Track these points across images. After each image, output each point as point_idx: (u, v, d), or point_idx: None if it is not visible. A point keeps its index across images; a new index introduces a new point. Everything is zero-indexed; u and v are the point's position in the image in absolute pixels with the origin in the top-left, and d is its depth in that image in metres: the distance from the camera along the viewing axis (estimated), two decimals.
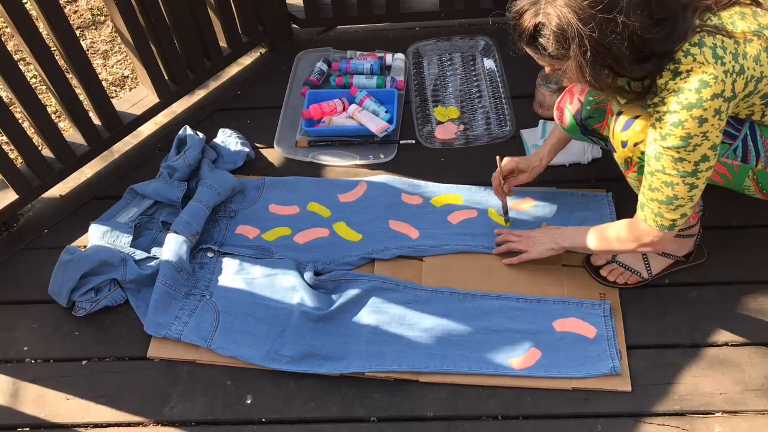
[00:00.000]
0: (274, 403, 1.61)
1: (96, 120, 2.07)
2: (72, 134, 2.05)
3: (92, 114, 2.05)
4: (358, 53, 2.36)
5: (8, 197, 1.93)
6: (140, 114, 2.14)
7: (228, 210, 1.96)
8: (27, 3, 1.81)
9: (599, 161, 1.97)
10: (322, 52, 2.39)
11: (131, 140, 2.19)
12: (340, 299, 1.72)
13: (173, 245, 1.78)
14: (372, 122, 2.07)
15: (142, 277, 1.77)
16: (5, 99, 1.94)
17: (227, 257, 1.83)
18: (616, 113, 1.46)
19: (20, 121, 1.89)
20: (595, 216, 1.85)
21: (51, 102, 2.54)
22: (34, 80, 2.58)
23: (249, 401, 1.61)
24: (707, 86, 1.23)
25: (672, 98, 1.26)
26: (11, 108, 1.86)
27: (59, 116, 2.50)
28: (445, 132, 2.11)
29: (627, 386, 1.56)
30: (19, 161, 2.02)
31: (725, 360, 1.60)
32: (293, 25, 2.47)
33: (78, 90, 1.98)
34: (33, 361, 1.72)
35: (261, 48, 2.46)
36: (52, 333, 1.76)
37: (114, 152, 2.16)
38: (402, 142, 2.10)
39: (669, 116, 1.27)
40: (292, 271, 1.77)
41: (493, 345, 1.64)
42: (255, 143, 2.15)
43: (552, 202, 1.90)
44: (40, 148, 1.97)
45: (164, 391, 1.64)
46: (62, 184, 2.05)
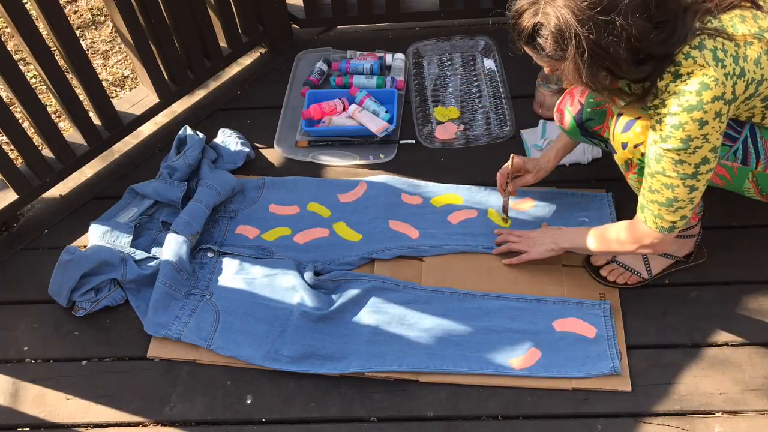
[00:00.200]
0: (274, 403, 1.61)
1: (96, 120, 2.07)
2: (72, 134, 2.05)
3: (92, 114, 2.05)
4: (358, 53, 2.36)
5: (8, 197, 1.93)
6: (140, 114, 2.14)
7: (228, 210, 1.96)
8: (27, 3, 1.81)
9: (599, 161, 1.97)
10: (322, 52, 2.39)
11: (131, 140, 2.19)
12: (340, 299, 1.72)
13: (173, 245, 1.78)
14: (372, 122, 2.07)
15: (142, 277, 1.78)
16: (5, 99, 1.94)
17: (227, 257, 1.83)
18: (617, 115, 1.46)
19: (20, 121, 1.89)
20: (595, 216, 1.85)
21: (51, 102, 2.54)
22: (34, 80, 2.58)
23: (249, 401, 1.61)
24: (708, 89, 1.23)
25: (672, 100, 1.26)
26: (11, 108, 1.86)
27: (59, 116, 2.50)
28: (445, 132, 2.11)
29: (627, 386, 1.56)
30: (19, 161, 2.02)
31: (725, 360, 1.60)
32: (293, 25, 2.47)
33: (78, 90, 1.98)
34: (33, 361, 1.72)
35: (261, 48, 2.46)
36: (52, 333, 1.76)
37: (114, 152, 2.16)
38: (402, 142, 2.10)
39: (669, 118, 1.27)
40: (292, 271, 1.77)
41: (493, 345, 1.64)
42: (255, 143, 2.15)
43: (552, 202, 1.90)
44: (40, 148, 1.97)
45: (164, 391, 1.64)
46: (62, 184, 2.05)
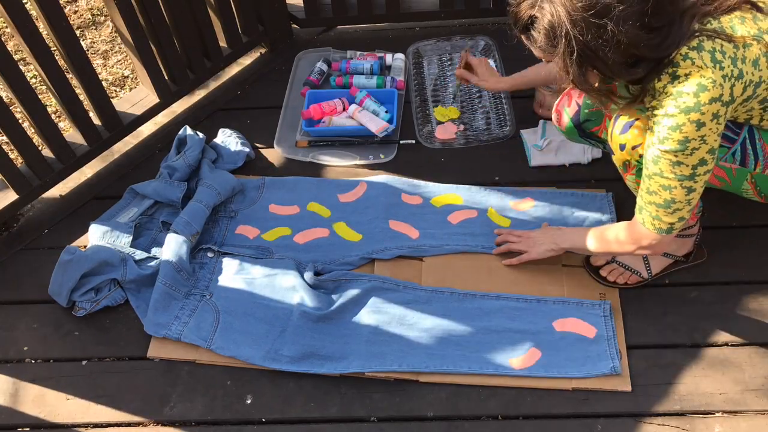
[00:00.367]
0: (274, 403, 1.61)
1: (96, 120, 2.07)
2: (72, 134, 2.05)
3: (92, 114, 2.05)
4: (358, 53, 2.36)
5: (8, 197, 1.93)
6: (140, 114, 2.14)
7: (228, 210, 1.96)
8: (27, 3, 1.81)
9: (599, 161, 1.97)
10: (322, 52, 2.39)
11: (131, 140, 2.19)
12: (340, 299, 1.72)
13: (173, 245, 1.78)
14: (372, 122, 2.07)
15: (142, 277, 1.77)
16: (5, 99, 1.94)
17: (227, 257, 1.83)
18: (614, 116, 1.46)
19: (20, 121, 1.89)
20: (595, 216, 1.85)
21: (51, 102, 2.54)
22: (34, 80, 2.58)
23: (249, 401, 1.61)
24: (705, 90, 1.23)
25: (670, 102, 1.26)
26: (11, 108, 1.86)
27: (59, 116, 2.50)
28: (445, 132, 2.11)
29: (627, 386, 1.56)
30: (19, 161, 2.02)
31: (725, 360, 1.60)
32: (293, 25, 2.47)
33: (78, 90, 1.98)
34: (33, 361, 1.72)
35: (261, 48, 2.46)
36: (52, 333, 1.75)
37: (114, 152, 2.16)
38: (402, 142, 2.10)
39: (667, 120, 1.27)
40: (292, 271, 1.77)
41: (493, 345, 1.64)
42: (255, 143, 2.15)
43: (552, 202, 1.90)
44: (40, 148, 1.97)
45: (164, 391, 1.64)
46: (62, 184, 2.05)
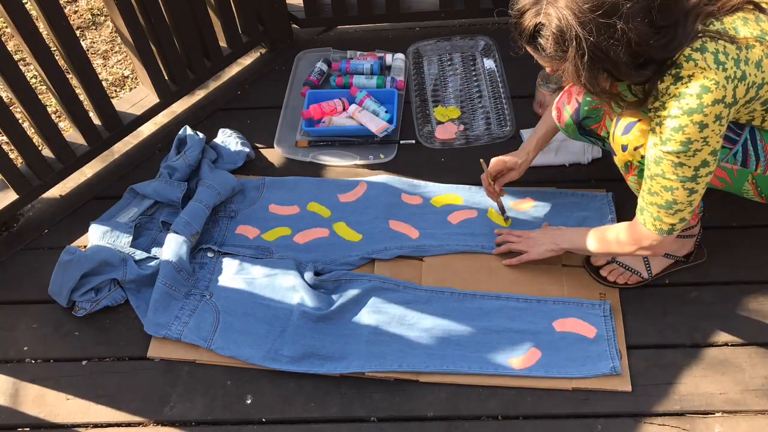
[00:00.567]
0: (274, 403, 1.61)
1: (96, 120, 2.07)
2: (72, 134, 2.05)
3: (92, 114, 2.05)
4: (358, 53, 2.36)
5: (8, 197, 1.93)
6: (140, 114, 2.14)
7: (228, 210, 1.96)
8: (27, 3, 1.81)
9: (599, 161, 1.97)
10: (322, 52, 2.39)
11: (131, 140, 2.19)
12: (340, 299, 1.72)
13: (173, 245, 1.78)
14: (372, 122, 2.07)
15: (142, 277, 1.77)
16: (5, 99, 1.94)
17: (227, 257, 1.83)
18: (615, 116, 1.46)
19: (20, 121, 1.89)
20: (595, 216, 1.85)
21: (51, 102, 2.54)
22: (34, 80, 2.58)
23: (249, 401, 1.61)
24: (708, 92, 1.23)
25: (673, 103, 1.26)
26: (11, 108, 1.86)
27: (59, 116, 2.50)
28: (445, 132, 2.11)
29: (627, 386, 1.56)
30: (19, 161, 2.02)
31: (725, 360, 1.60)
32: (293, 25, 2.47)
33: (78, 90, 1.98)
34: (33, 361, 1.72)
35: (261, 48, 2.46)
36: (52, 333, 1.75)
37: (114, 152, 2.16)
38: (402, 142, 2.10)
39: (669, 121, 1.27)
40: (292, 271, 1.77)
41: (493, 345, 1.64)
42: (255, 143, 2.15)
43: (552, 202, 1.90)
44: (40, 148, 1.97)
45: (164, 391, 1.64)
46: (62, 184, 2.05)
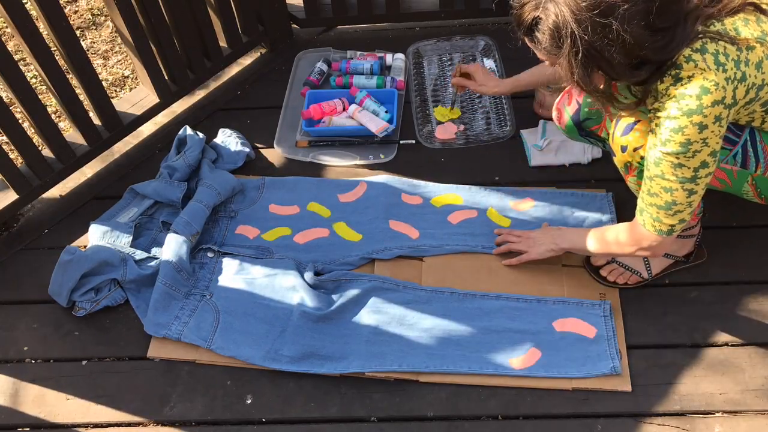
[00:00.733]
0: (274, 403, 1.61)
1: (96, 120, 2.07)
2: (72, 134, 2.05)
3: (92, 114, 2.05)
4: (358, 53, 2.36)
5: (8, 197, 1.93)
6: (140, 114, 2.14)
7: (228, 210, 1.96)
8: (27, 3, 1.81)
9: (599, 161, 1.97)
10: (322, 52, 2.39)
11: (131, 140, 2.19)
12: (340, 299, 1.72)
13: (173, 245, 1.78)
14: (372, 122, 2.07)
15: (142, 277, 1.77)
16: (5, 99, 1.94)
17: (227, 257, 1.83)
18: (615, 116, 1.46)
19: (20, 121, 1.89)
20: (595, 216, 1.85)
21: (51, 102, 2.54)
22: (34, 80, 2.58)
23: (249, 401, 1.61)
24: (708, 93, 1.23)
25: (672, 104, 1.26)
26: (11, 108, 1.86)
27: (59, 116, 2.50)
28: (445, 132, 2.11)
29: (627, 386, 1.56)
30: (19, 161, 2.02)
31: (725, 360, 1.60)
32: (293, 25, 2.47)
33: (78, 90, 1.98)
34: (33, 361, 1.72)
35: (261, 48, 2.46)
36: (52, 333, 1.75)
37: (114, 152, 2.16)
38: (402, 142, 2.10)
39: (669, 122, 1.27)
40: (292, 271, 1.77)
41: (493, 345, 1.64)
42: (255, 143, 2.15)
43: (552, 202, 1.90)
44: (40, 148, 1.97)
45: (164, 391, 1.64)
46: (62, 184, 2.05)
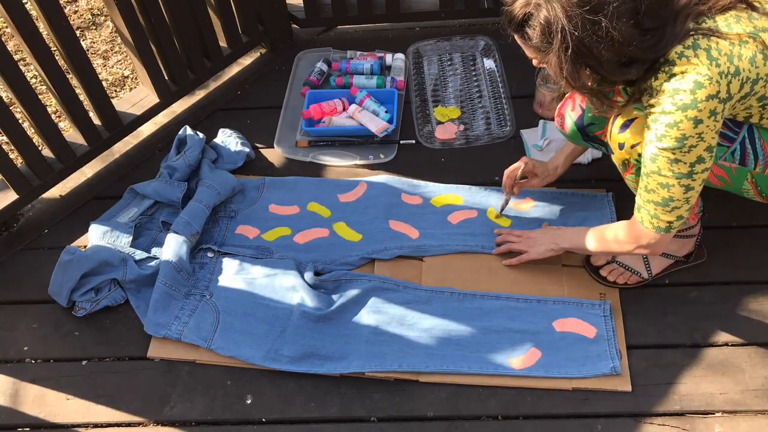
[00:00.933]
0: (274, 403, 1.61)
1: (96, 120, 2.07)
2: (72, 134, 2.05)
3: (92, 114, 2.05)
4: (358, 53, 2.36)
5: (8, 197, 1.93)
6: (140, 114, 2.14)
7: (228, 210, 1.96)
8: (27, 3, 1.81)
9: (599, 161, 1.97)
10: (322, 52, 2.39)
11: (131, 140, 2.19)
12: (340, 299, 1.72)
13: (173, 245, 1.78)
14: (372, 122, 2.07)
15: (142, 277, 1.77)
16: (5, 99, 1.94)
17: (227, 257, 1.83)
18: (614, 115, 1.46)
19: (20, 121, 1.89)
20: (596, 216, 1.85)
21: (51, 102, 2.54)
22: (34, 80, 2.58)
23: (249, 401, 1.61)
24: (702, 87, 1.23)
25: (667, 99, 1.26)
26: (11, 108, 1.86)
27: (59, 116, 2.50)
28: (445, 132, 2.11)
29: (627, 386, 1.56)
30: (19, 161, 2.02)
31: (725, 360, 1.60)
32: (293, 25, 2.47)
33: (78, 90, 1.98)
34: (33, 361, 1.72)
35: (261, 48, 2.46)
36: (52, 333, 1.76)
37: (114, 152, 2.16)
38: (402, 142, 2.10)
39: (664, 117, 1.27)
40: (292, 271, 1.77)
41: (493, 345, 1.64)
42: (255, 143, 2.15)
43: (552, 203, 1.90)
44: (40, 148, 1.97)
45: (164, 391, 1.64)
46: (62, 184, 2.05)
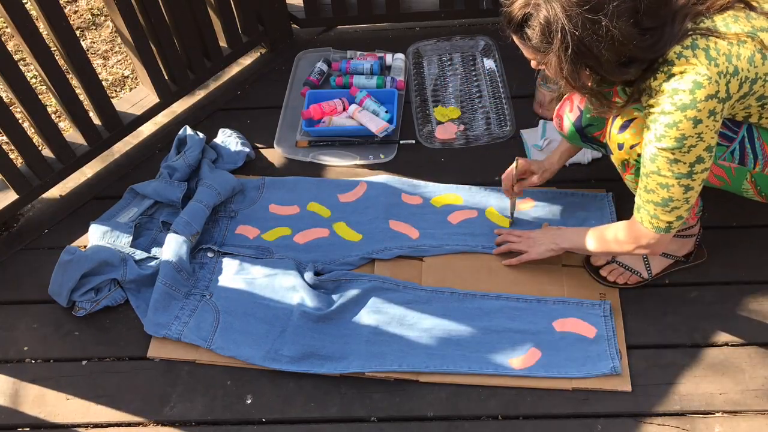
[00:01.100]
0: (274, 403, 1.61)
1: (96, 120, 2.07)
2: (72, 134, 2.05)
3: (92, 114, 2.05)
4: (358, 53, 2.36)
5: (8, 197, 1.93)
6: (140, 114, 2.14)
7: (228, 210, 1.96)
8: (27, 3, 1.81)
9: (599, 161, 1.97)
10: (322, 52, 2.39)
11: (131, 140, 2.19)
12: (340, 299, 1.72)
13: (173, 245, 1.78)
14: (372, 122, 2.07)
15: (142, 277, 1.77)
16: (5, 99, 1.94)
17: (227, 257, 1.83)
18: (612, 116, 1.46)
19: (20, 121, 1.89)
20: (596, 216, 1.85)
21: (51, 102, 2.54)
22: (34, 80, 2.58)
23: (249, 401, 1.61)
24: (701, 87, 1.23)
25: (666, 99, 1.26)
26: (11, 108, 1.86)
27: (59, 116, 2.50)
28: (445, 132, 2.11)
29: (627, 386, 1.56)
30: (19, 161, 2.02)
31: (725, 360, 1.60)
32: (293, 25, 2.47)
33: (78, 90, 1.98)
34: (33, 361, 1.72)
35: (261, 48, 2.46)
36: (52, 333, 1.76)
37: (114, 152, 2.16)
38: (402, 142, 2.10)
39: (663, 117, 1.27)
40: (292, 271, 1.77)
41: (493, 345, 1.64)
42: (255, 143, 2.15)
43: (552, 202, 1.90)
44: (40, 148, 1.97)
45: (164, 391, 1.64)
46: (62, 184, 2.05)
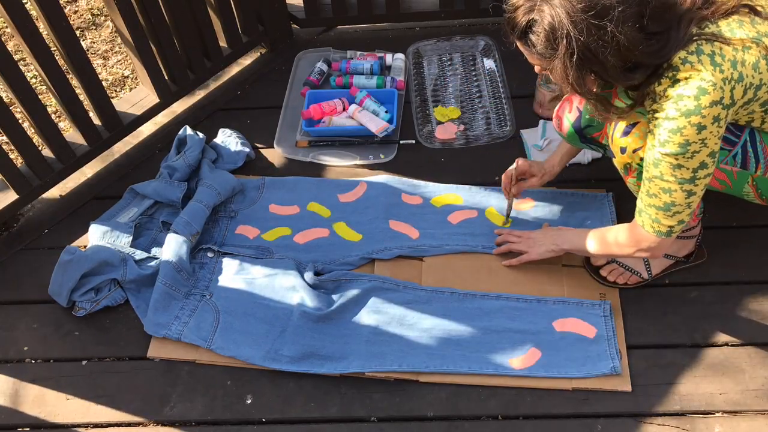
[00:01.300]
0: (274, 403, 1.61)
1: (96, 120, 2.07)
2: (72, 134, 2.05)
3: (92, 114, 2.05)
4: (358, 53, 2.36)
5: (8, 197, 1.93)
6: (140, 114, 2.14)
7: (228, 210, 1.96)
8: (27, 3, 1.81)
9: (599, 161, 1.97)
10: (322, 52, 2.39)
11: (131, 140, 2.19)
12: (340, 299, 1.72)
13: (173, 245, 1.78)
14: (372, 122, 2.07)
15: (142, 277, 1.78)
16: (5, 99, 1.94)
17: (227, 257, 1.83)
18: (614, 120, 1.45)
19: (20, 121, 1.89)
20: (596, 216, 1.85)
21: (51, 102, 2.54)
22: (34, 80, 2.58)
23: (249, 401, 1.61)
24: (706, 93, 1.23)
25: (670, 105, 1.26)
26: (11, 108, 1.86)
27: (59, 116, 2.50)
28: (445, 132, 2.11)
29: (627, 386, 1.56)
30: (19, 161, 2.02)
31: (725, 360, 1.60)
32: (293, 25, 2.47)
33: (78, 90, 1.98)
34: (33, 361, 1.72)
35: (261, 48, 2.46)
36: (52, 333, 1.76)
37: (114, 152, 2.16)
38: (402, 142, 2.10)
39: (667, 123, 1.27)
40: (292, 271, 1.77)
41: (493, 345, 1.64)
42: (255, 143, 2.15)
43: (552, 203, 1.90)
44: (40, 148, 1.97)
45: (164, 391, 1.64)
46: (62, 184, 2.05)
